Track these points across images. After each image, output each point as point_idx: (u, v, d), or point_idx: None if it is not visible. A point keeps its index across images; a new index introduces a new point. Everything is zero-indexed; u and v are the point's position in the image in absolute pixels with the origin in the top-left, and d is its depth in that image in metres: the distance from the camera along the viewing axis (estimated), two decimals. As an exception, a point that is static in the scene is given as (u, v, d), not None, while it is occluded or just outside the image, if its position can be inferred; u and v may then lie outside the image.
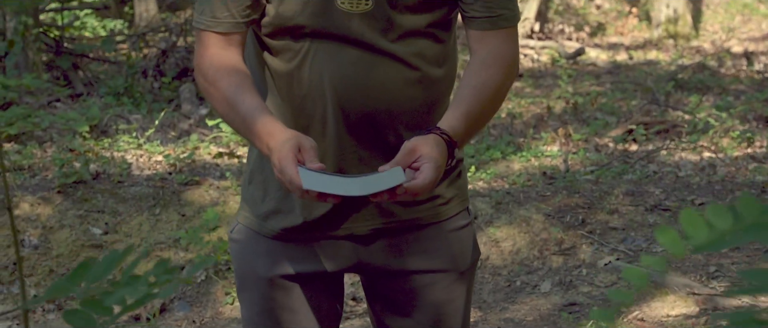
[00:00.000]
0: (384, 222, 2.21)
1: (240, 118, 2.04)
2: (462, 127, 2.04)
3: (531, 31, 12.95)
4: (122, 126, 6.66)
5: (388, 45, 2.08)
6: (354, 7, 2.06)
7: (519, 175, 6.03)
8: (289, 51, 2.12)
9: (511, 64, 2.17)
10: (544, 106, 9.18)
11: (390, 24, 2.08)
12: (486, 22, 2.12)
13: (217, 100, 2.10)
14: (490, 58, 2.13)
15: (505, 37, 2.15)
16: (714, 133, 7.15)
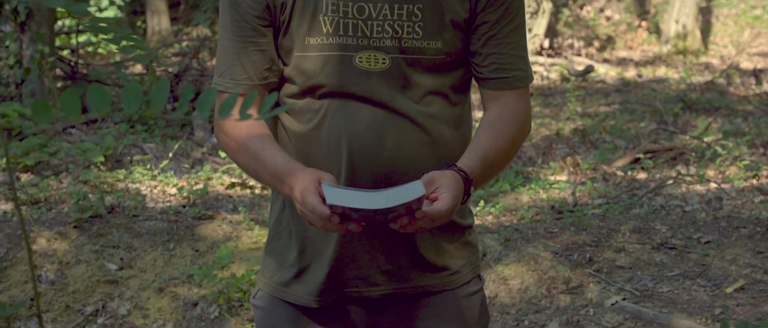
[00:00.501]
0: (395, 287, 2.29)
1: (260, 165, 2.12)
2: (478, 168, 2.11)
3: (540, 48, 13.02)
4: (137, 157, 6.75)
5: (405, 105, 2.15)
6: (372, 65, 2.13)
7: (527, 208, 6.11)
8: (308, 112, 2.19)
9: (525, 121, 2.24)
10: (554, 128, 9.27)
11: (406, 82, 2.15)
12: (501, 83, 2.19)
13: (239, 153, 2.18)
14: (505, 113, 2.21)
15: (518, 96, 2.22)
16: (721, 161, 7.22)
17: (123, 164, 6.75)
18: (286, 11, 2.13)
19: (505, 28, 2.18)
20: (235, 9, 2.14)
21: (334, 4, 2.11)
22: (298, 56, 2.15)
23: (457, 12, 2.14)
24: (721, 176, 7.00)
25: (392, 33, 2.12)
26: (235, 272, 5.30)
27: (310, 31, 2.12)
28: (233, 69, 2.16)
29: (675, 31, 13.57)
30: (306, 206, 1.97)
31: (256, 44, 2.15)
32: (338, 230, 1.98)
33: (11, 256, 5.38)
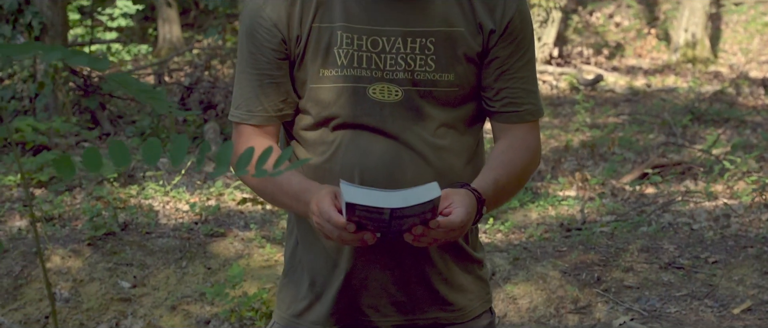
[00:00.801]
0: (407, 319, 2.34)
1: (278, 187, 2.17)
2: (490, 190, 2.14)
3: (550, 57, 13.06)
4: (149, 173, 6.82)
5: (417, 137, 2.19)
6: (385, 96, 2.18)
7: (536, 226, 6.16)
8: (322, 144, 2.23)
9: (535, 153, 2.29)
10: (563, 140, 9.31)
11: (419, 114, 2.19)
12: (513, 116, 2.25)
13: (258, 182, 2.23)
14: (517, 143, 2.25)
15: (529, 128, 2.27)
16: (729, 177, 7.26)
17: (136, 180, 6.82)
18: (301, 44, 2.18)
19: (517, 63, 2.24)
20: (252, 42, 2.19)
21: (348, 37, 2.16)
22: (313, 88, 2.19)
23: (469, 46, 2.19)
24: (730, 192, 7.04)
25: (405, 66, 2.16)
26: (247, 290, 5.36)
27: (325, 63, 2.17)
28: (249, 101, 2.22)
29: (684, 39, 13.61)
30: (322, 215, 2.01)
31: (272, 77, 2.20)
32: (353, 240, 2.01)
33: (26, 274, 5.45)
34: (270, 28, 2.18)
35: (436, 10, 2.18)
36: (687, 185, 7.34)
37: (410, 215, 1.97)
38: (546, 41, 13.03)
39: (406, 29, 2.16)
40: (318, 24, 2.17)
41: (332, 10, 2.17)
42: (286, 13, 2.17)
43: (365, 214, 1.96)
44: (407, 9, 2.17)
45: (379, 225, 2.00)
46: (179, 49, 13.27)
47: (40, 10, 7.64)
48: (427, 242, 2.04)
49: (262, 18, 2.19)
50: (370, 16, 2.16)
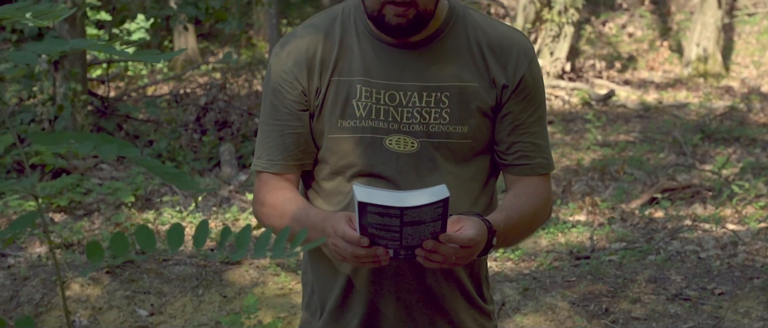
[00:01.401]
0: None
1: (296, 221, 2.27)
2: (501, 224, 2.24)
3: (562, 72, 13.14)
4: (166, 198, 6.94)
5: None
6: (402, 147, 2.29)
7: (546, 254, 6.26)
8: (338, 194, 2.35)
9: (547, 201, 2.40)
10: (574, 158, 9.41)
11: (434, 165, 2.30)
12: (525, 169, 2.36)
13: (274, 217, 2.34)
14: (529, 190, 2.37)
15: (541, 180, 2.38)
16: (738, 201, 7.34)
17: (152, 204, 6.95)
18: (321, 96, 2.30)
19: (529, 118, 2.35)
20: (275, 95, 2.32)
21: (367, 91, 2.28)
22: (331, 138, 2.31)
23: (483, 100, 2.30)
24: (738, 216, 7.12)
25: (420, 119, 2.28)
26: (262, 319, 5.48)
27: (343, 115, 2.29)
28: (270, 151, 2.34)
29: (696, 54, 13.68)
30: (337, 232, 2.11)
31: (292, 127, 2.32)
32: (367, 258, 2.10)
33: (46, 301, 5.59)
34: (291, 81, 2.30)
35: (450, 66, 2.30)
36: (696, 208, 7.42)
37: (421, 222, 2.05)
38: (558, 56, 13.12)
39: (422, 84, 2.28)
40: (337, 77, 2.29)
41: (352, 65, 2.29)
42: (306, 66, 2.30)
43: (377, 219, 2.03)
44: (423, 65, 2.29)
45: (391, 236, 2.07)
46: (195, 61, 13.41)
47: (59, 35, 7.78)
48: (438, 261, 2.11)
49: (284, 71, 2.31)
50: (389, 72, 2.29)
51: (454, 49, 2.32)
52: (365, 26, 2.32)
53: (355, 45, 2.31)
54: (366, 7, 2.26)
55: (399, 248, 2.11)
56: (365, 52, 2.30)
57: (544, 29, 13.01)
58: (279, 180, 2.36)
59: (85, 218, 6.64)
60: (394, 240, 2.08)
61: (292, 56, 2.31)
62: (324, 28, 2.33)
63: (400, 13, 2.21)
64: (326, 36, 2.32)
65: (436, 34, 2.31)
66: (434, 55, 2.30)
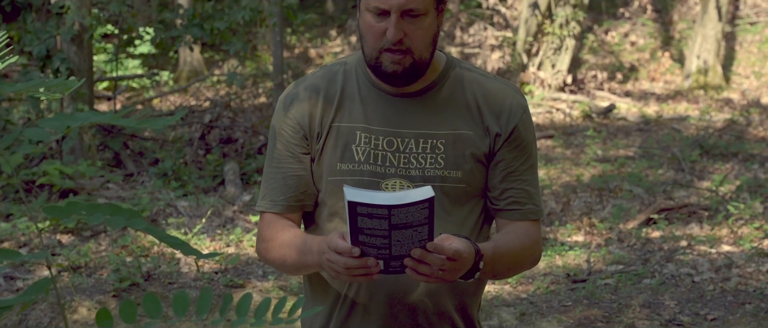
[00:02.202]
0: None
1: (293, 248, 2.41)
2: (489, 252, 2.35)
3: (563, 84, 13.25)
4: (171, 220, 7.08)
5: None
6: (398, 190, 2.42)
7: (543, 277, 6.39)
8: None
9: (536, 243, 2.52)
10: (574, 174, 9.53)
11: None
12: (516, 214, 2.48)
13: (273, 249, 2.47)
14: (519, 230, 2.49)
15: (530, 224, 2.51)
16: (734, 221, 7.46)
17: (158, 224, 7.08)
18: (321, 140, 2.44)
19: (522, 166, 2.48)
20: (279, 138, 2.47)
21: (366, 137, 2.42)
22: (330, 180, 2.45)
23: (477, 146, 2.44)
24: (734, 237, 7.24)
25: (417, 164, 2.42)
26: (264, 342, 5.62)
27: (343, 158, 2.43)
28: (273, 192, 2.49)
29: (696, 66, 13.78)
30: (330, 245, 2.23)
31: (293, 170, 2.46)
32: (359, 269, 2.20)
33: (55, 325, 5.72)
34: (294, 126, 2.45)
35: (447, 115, 2.44)
36: (692, 228, 7.54)
37: (408, 225, 2.15)
38: (560, 69, 13.22)
39: (419, 132, 2.42)
40: (338, 123, 2.44)
41: (352, 112, 2.44)
42: (308, 113, 2.44)
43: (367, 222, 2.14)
44: (421, 114, 2.43)
45: (381, 244, 2.18)
46: (200, 72, 13.54)
47: (67, 56, 7.92)
48: (425, 273, 2.21)
49: (288, 117, 2.46)
50: (388, 120, 2.43)
51: (451, 99, 2.45)
52: (366, 76, 2.46)
53: (356, 94, 2.45)
54: (365, 55, 2.40)
55: (389, 258, 2.21)
56: (366, 100, 2.44)
57: (546, 42, 13.12)
58: (280, 219, 2.49)
59: (92, 240, 6.78)
60: (384, 248, 2.19)
61: (295, 104, 2.46)
62: (327, 78, 2.48)
63: (397, 60, 2.35)
64: (329, 85, 2.47)
65: (433, 85, 2.45)
66: (431, 105, 2.44)
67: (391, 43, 2.33)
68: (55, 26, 7.76)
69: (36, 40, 7.68)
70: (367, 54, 2.39)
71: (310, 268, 2.43)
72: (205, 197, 7.81)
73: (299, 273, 2.53)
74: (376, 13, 2.34)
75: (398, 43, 2.33)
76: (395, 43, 2.33)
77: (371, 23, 2.36)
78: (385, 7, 2.33)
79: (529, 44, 13.18)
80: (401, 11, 2.32)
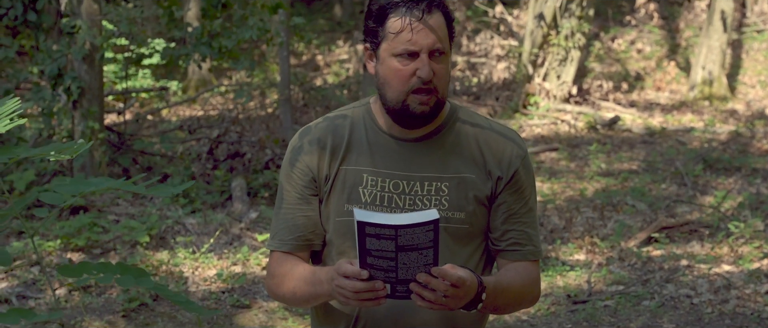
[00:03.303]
0: None
1: (302, 281, 2.54)
2: (491, 285, 2.47)
3: (568, 95, 13.34)
4: (180, 238, 7.20)
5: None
6: None
7: (544, 298, 6.49)
8: None
9: (535, 282, 2.64)
10: (578, 188, 9.63)
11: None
12: (516, 254, 2.61)
13: (283, 283, 2.59)
14: (520, 269, 2.62)
15: (530, 264, 2.63)
16: (734, 240, 7.56)
17: (167, 243, 7.21)
18: (329, 183, 2.57)
19: (522, 209, 2.62)
20: (289, 181, 2.60)
21: (373, 179, 2.55)
22: (338, 221, 2.57)
23: (480, 189, 2.57)
24: (734, 255, 7.34)
25: (422, 205, 2.54)
26: (270, 363, 5.74)
27: (350, 200, 2.55)
28: (282, 232, 2.61)
29: (701, 77, 13.86)
30: (339, 271, 2.35)
31: (302, 211, 2.59)
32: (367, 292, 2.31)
33: (65, 345, 5.85)
34: (303, 169, 2.58)
35: (451, 159, 2.57)
36: (693, 246, 7.63)
37: (414, 248, 2.26)
38: (565, 79, 13.31)
39: (424, 175, 2.55)
40: (345, 166, 2.56)
41: (359, 156, 2.56)
42: (317, 156, 2.57)
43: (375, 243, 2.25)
44: (427, 158, 2.56)
45: (388, 266, 2.29)
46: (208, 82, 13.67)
47: (78, 74, 8.06)
48: (430, 298, 2.32)
49: (298, 161, 2.59)
50: (395, 163, 2.55)
51: (454, 144, 2.58)
52: (374, 123, 2.58)
53: (364, 139, 2.57)
54: (388, 101, 2.50)
55: (395, 281, 2.32)
56: (373, 145, 2.56)
57: (551, 53, 13.21)
58: (289, 257, 2.61)
59: (102, 259, 6.90)
60: (391, 271, 2.30)
61: (304, 148, 2.59)
62: (335, 124, 2.60)
63: (424, 101, 2.48)
64: (337, 130, 2.59)
65: (438, 130, 2.58)
66: (437, 149, 2.57)
67: (423, 81, 2.44)
68: (67, 45, 7.89)
69: (48, 59, 7.82)
70: (392, 99, 2.49)
71: (321, 298, 2.53)
72: (212, 213, 7.94)
73: (309, 305, 2.62)
74: (404, 56, 2.45)
75: (427, 82, 2.45)
76: (426, 82, 2.45)
77: (398, 67, 2.46)
78: (416, 49, 2.44)
79: (534, 55, 13.27)
80: (430, 51, 2.44)
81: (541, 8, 13.10)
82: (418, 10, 2.44)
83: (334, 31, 18.66)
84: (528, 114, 13.02)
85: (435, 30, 2.45)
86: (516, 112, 13.02)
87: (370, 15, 2.51)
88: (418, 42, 2.43)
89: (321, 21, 19.39)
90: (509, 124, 12.60)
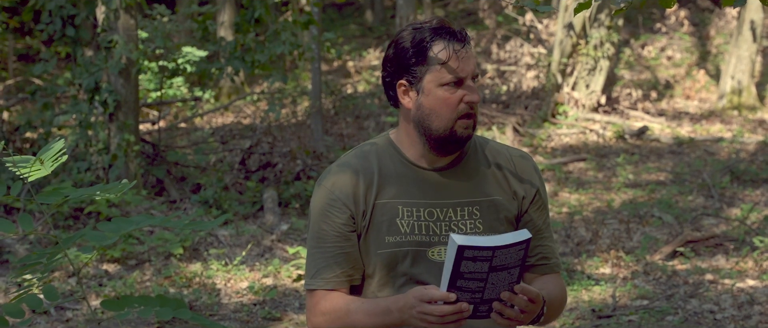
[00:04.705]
0: None
1: (363, 313, 2.61)
2: (547, 299, 2.60)
3: (597, 104, 13.42)
4: (213, 250, 7.37)
5: None
6: (443, 256, 2.65)
7: (569, 312, 6.61)
8: None
9: (564, 292, 2.78)
10: (605, 199, 9.73)
11: None
12: (545, 268, 2.76)
13: (336, 319, 2.65)
14: (552, 280, 2.76)
15: (557, 276, 2.79)
16: (759, 254, 7.63)
17: (200, 255, 7.38)
18: (367, 217, 2.68)
19: (544, 224, 2.79)
20: (324, 220, 2.68)
21: (408, 210, 2.67)
22: (379, 254, 2.67)
23: (508, 210, 2.72)
24: (759, 270, 7.41)
25: (458, 230, 2.68)
26: (299, 375, 5.89)
27: (389, 232, 2.67)
28: (322, 271, 2.67)
29: (730, 86, 13.90)
30: (423, 297, 2.44)
31: (342, 248, 2.68)
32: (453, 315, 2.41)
33: (102, 356, 6.04)
34: (340, 207, 2.67)
35: (478, 184, 2.71)
36: (718, 260, 7.72)
37: (505, 267, 2.38)
38: (594, 89, 13.39)
39: (455, 201, 2.69)
40: (380, 200, 2.68)
41: (392, 189, 2.68)
42: (352, 192, 2.67)
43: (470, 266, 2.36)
44: (455, 185, 2.70)
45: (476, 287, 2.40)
46: (241, 91, 13.86)
47: (114, 88, 8.26)
48: (511, 315, 2.45)
49: (333, 198, 2.68)
50: (426, 193, 2.68)
51: (478, 169, 2.73)
52: (400, 155, 2.71)
53: (392, 172, 2.69)
54: (434, 130, 2.62)
55: (479, 302, 2.44)
56: (402, 177, 2.69)
57: (580, 63, 13.30)
58: (332, 292, 2.68)
59: (137, 270, 7.09)
60: (478, 292, 2.42)
61: (338, 186, 2.68)
62: (361, 162, 2.71)
63: (468, 125, 2.63)
64: (365, 165, 2.70)
65: (460, 158, 2.72)
66: (463, 175, 2.71)
67: (473, 104, 2.60)
68: (104, 60, 8.10)
69: (85, 73, 8.03)
70: (440, 127, 2.62)
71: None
72: (244, 224, 8.10)
73: None
74: (451, 85, 2.59)
75: (472, 107, 2.61)
76: (472, 107, 2.60)
77: (446, 96, 2.60)
78: (463, 75, 2.59)
79: (563, 65, 13.36)
80: (471, 76, 2.61)
81: (571, 18, 13.19)
82: (457, 40, 2.59)
83: (365, 37, 18.80)
84: (557, 123, 13.11)
85: (473, 57, 2.61)
86: (545, 121, 13.11)
87: (406, 52, 2.62)
88: (464, 69, 2.58)
89: (352, 26, 19.54)
90: (538, 133, 12.70)
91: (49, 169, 2.65)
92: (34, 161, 2.53)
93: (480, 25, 17.86)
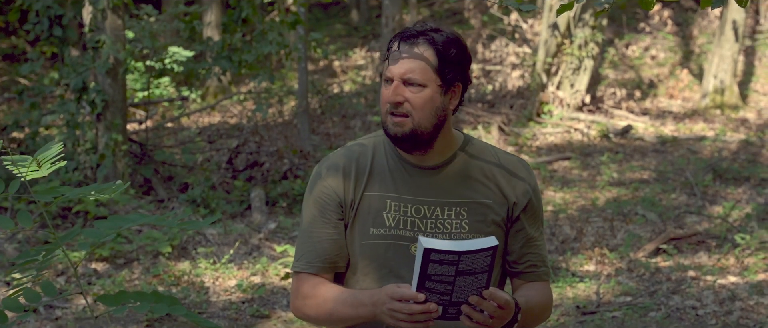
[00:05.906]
0: None
1: (339, 302, 2.69)
2: (523, 304, 2.67)
3: (582, 104, 13.52)
4: (201, 249, 7.43)
5: None
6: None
7: (554, 308, 6.69)
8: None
9: (550, 300, 2.85)
10: (589, 198, 9.83)
11: None
12: (533, 276, 2.82)
13: (314, 305, 2.73)
14: (538, 287, 2.83)
15: (545, 284, 2.85)
16: (741, 251, 7.74)
17: (188, 253, 7.44)
18: (354, 208, 2.75)
19: (535, 232, 2.84)
20: (316, 205, 2.77)
21: (396, 204, 2.74)
22: (363, 244, 2.75)
23: (497, 213, 2.78)
24: (740, 267, 7.51)
25: (443, 229, 2.75)
26: (287, 372, 5.96)
27: (375, 224, 2.74)
28: (309, 254, 2.76)
29: (713, 86, 14.03)
30: (394, 295, 2.51)
31: (329, 234, 2.76)
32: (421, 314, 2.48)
33: (91, 354, 6.09)
34: (330, 195, 2.75)
35: (468, 185, 2.77)
36: (700, 257, 7.82)
37: (471, 272, 2.44)
38: (578, 88, 13.49)
39: (444, 200, 2.75)
40: (369, 192, 2.75)
41: (382, 183, 2.76)
42: (343, 183, 2.75)
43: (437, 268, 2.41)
44: (445, 184, 2.77)
45: (444, 289, 2.45)
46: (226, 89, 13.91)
47: (102, 88, 8.30)
48: (480, 319, 2.51)
49: (325, 187, 2.76)
50: (415, 190, 2.75)
51: (471, 171, 2.79)
52: (393, 151, 2.78)
53: (385, 167, 2.77)
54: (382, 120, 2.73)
55: (448, 304, 2.50)
56: (394, 172, 2.76)
57: (565, 62, 13.40)
58: (315, 277, 2.77)
59: (126, 268, 7.14)
60: (446, 294, 2.47)
61: (331, 173, 2.77)
62: (358, 153, 2.79)
63: (397, 123, 2.69)
64: (359, 158, 2.78)
65: (452, 159, 2.79)
66: (453, 176, 2.77)
67: (390, 104, 2.67)
68: (91, 60, 8.14)
69: (73, 73, 8.07)
70: (381, 117, 2.73)
71: (360, 319, 2.69)
72: (232, 223, 8.16)
73: (344, 325, 2.75)
74: (385, 81, 2.70)
75: (398, 106, 2.66)
76: (395, 105, 2.66)
77: (383, 91, 2.70)
78: (390, 75, 2.68)
79: (548, 64, 13.46)
80: (402, 79, 2.66)
81: (555, 17, 13.29)
82: (406, 42, 2.67)
83: (351, 36, 18.85)
84: (541, 122, 13.21)
85: (413, 61, 2.66)
86: (530, 120, 13.21)
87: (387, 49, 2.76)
88: (393, 70, 2.66)
89: (338, 26, 19.59)
90: (523, 132, 12.80)
91: (46, 171, 2.71)
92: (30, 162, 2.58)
93: (465, 24, 17.95)
